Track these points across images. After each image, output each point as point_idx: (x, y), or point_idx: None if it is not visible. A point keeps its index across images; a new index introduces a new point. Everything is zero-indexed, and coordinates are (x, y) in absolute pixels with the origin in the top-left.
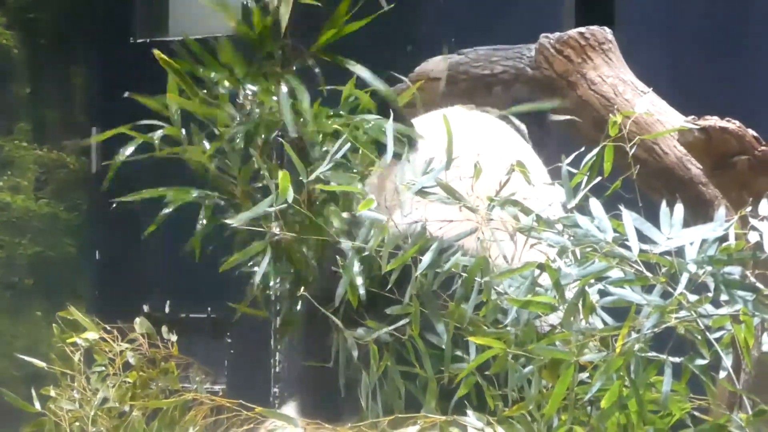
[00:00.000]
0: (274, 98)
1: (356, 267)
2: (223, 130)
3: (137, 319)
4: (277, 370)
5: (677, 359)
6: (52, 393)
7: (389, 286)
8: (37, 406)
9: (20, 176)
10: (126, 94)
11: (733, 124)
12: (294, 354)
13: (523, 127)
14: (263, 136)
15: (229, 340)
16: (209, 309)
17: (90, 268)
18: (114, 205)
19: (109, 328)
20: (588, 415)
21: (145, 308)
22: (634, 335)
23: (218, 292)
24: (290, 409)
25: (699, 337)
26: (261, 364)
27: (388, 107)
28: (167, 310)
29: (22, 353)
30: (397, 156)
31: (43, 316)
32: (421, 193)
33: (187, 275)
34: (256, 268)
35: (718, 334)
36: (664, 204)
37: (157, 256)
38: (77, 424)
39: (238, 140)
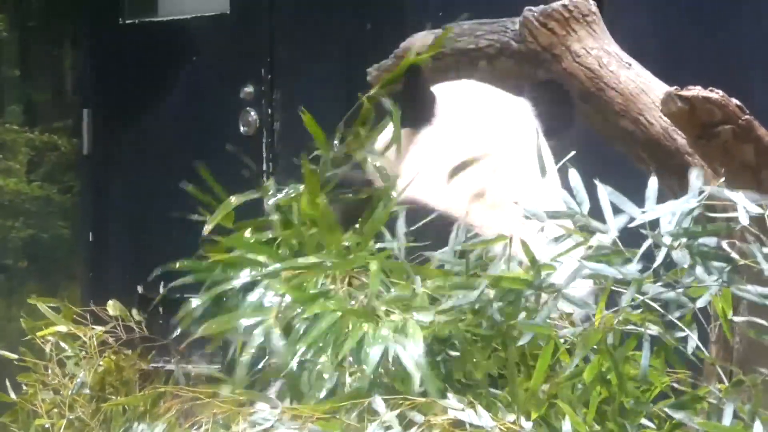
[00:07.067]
0: None
1: None
2: None
3: (110, 302)
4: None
5: (654, 332)
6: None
7: None
8: (12, 396)
9: (12, 159)
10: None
11: (716, 94)
12: None
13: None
14: None
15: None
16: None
17: (84, 249)
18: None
19: (81, 311)
20: (572, 390)
21: (140, 289)
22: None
23: None
24: (274, 391)
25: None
26: None
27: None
28: (161, 290)
29: (16, 336)
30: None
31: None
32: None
33: (181, 256)
34: None
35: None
36: (653, 177)
37: (151, 237)
38: (55, 410)
39: None
